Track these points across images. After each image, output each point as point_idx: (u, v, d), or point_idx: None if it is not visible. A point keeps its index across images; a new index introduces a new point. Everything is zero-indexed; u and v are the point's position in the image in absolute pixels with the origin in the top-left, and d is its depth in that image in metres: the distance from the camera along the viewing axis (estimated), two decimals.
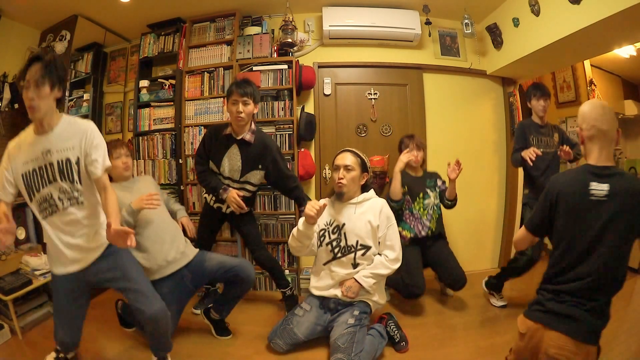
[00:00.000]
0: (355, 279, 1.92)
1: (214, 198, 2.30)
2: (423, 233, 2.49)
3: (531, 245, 1.46)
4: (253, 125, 2.20)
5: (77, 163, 1.43)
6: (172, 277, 1.97)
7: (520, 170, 3.29)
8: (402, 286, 2.38)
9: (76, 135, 1.44)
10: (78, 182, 1.45)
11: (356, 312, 1.92)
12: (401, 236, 2.27)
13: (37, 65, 1.33)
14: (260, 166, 2.21)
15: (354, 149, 2.05)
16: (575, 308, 1.19)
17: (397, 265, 1.97)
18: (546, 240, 1.44)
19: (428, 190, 2.54)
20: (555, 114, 3.74)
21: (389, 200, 2.32)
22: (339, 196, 2.01)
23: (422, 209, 2.51)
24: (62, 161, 1.42)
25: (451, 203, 2.52)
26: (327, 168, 2.97)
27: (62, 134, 1.43)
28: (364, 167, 2.01)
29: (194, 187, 2.87)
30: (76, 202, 1.46)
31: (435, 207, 2.54)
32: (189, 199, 2.86)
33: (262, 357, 1.96)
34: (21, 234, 2.89)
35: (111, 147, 1.96)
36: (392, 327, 2.04)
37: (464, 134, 3.12)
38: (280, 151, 2.30)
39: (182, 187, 2.86)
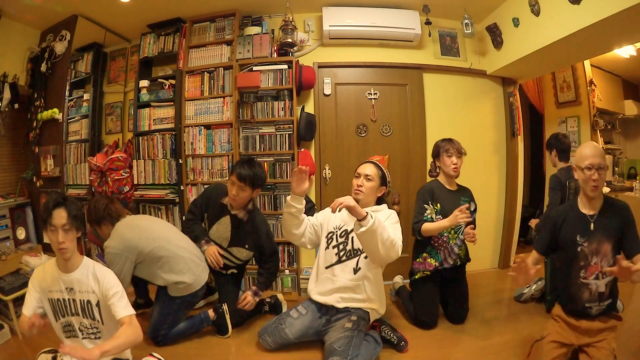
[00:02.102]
0: (368, 212, 1.67)
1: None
2: (450, 262, 2.19)
3: None
4: (250, 206, 2.24)
5: (98, 305, 1.48)
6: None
7: (521, 171, 3.31)
8: (413, 318, 2.28)
9: (94, 282, 1.48)
10: (100, 320, 1.50)
11: (354, 318, 1.90)
12: (426, 263, 2.20)
13: (62, 211, 1.40)
14: (247, 246, 2.26)
15: (378, 162, 2.06)
16: None
17: (396, 243, 1.76)
18: None
19: None
20: (555, 114, 3.75)
21: (417, 234, 2.17)
22: None
23: (452, 232, 2.17)
24: (84, 301, 1.48)
25: None
26: (327, 168, 2.97)
27: (82, 278, 1.48)
28: (383, 181, 2.03)
29: (194, 187, 2.87)
30: (94, 337, 1.52)
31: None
32: (189, 199, 2.86)
33: (262, 357, 1.97)
34: (21, 234, 2.90)
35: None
36: (386, 331, 2.03)
37: (464, 134, 3.10)
38: (269, 233, 2.31)
39: (182, 187, 2.86)
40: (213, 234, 2.28)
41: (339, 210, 1.66)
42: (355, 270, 1.94)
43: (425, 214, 2.18)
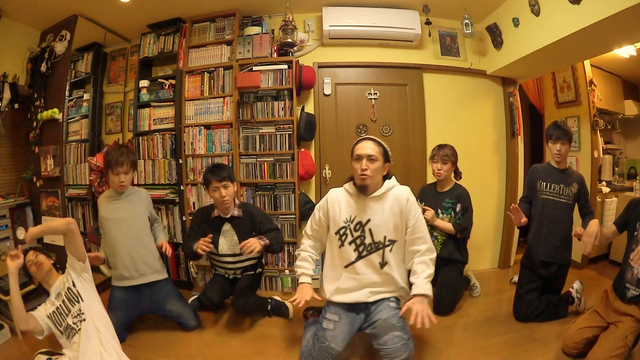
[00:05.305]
0: (424, 294, 1.70)
1: (213, 270, 2.49)
2: None
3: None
4: (237, 201, 2.36)
5: (74, 284, 1.75)
6: (132, 289, 2.18)
7: (521, 171, 3.31)
8: None
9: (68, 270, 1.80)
10: (79, 296, 1.73)
11: (393, 304, 1.81)
12: None
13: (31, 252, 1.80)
14: (254, 233, 2.30)
15: (375, 137, 1.85)
16: None
17: (434, 255, 1.83)
18: None
19: (440, 211, 2.43)
20: (555, 114, 3.74)
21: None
22: (362, 189, 1.79)
23: (429, 228, 2.22)
24: (67, 291, 1.74)
25: (455, 234, 2.41)
26: (327, 168, 2.97)
27: (62, 277, 1.82)
28: (386, 157, 1.81)
29: (194, 187, 2.88)
30: (82, 320, 1.70)
31: (442, 230, 2.42)
32: (189, 199, 2.87)
33: (263, 357, 1.97)
34: (21, 234, 2.90)
35: (113, 162, 2.08)
36: None
37: (464, 134, 3.12)
38: (263, 213, 2.45)
39: (182, 187, 2.86)
40: (223, 248, 2.29)
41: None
42: (382, 265, 1.80)
43: None
